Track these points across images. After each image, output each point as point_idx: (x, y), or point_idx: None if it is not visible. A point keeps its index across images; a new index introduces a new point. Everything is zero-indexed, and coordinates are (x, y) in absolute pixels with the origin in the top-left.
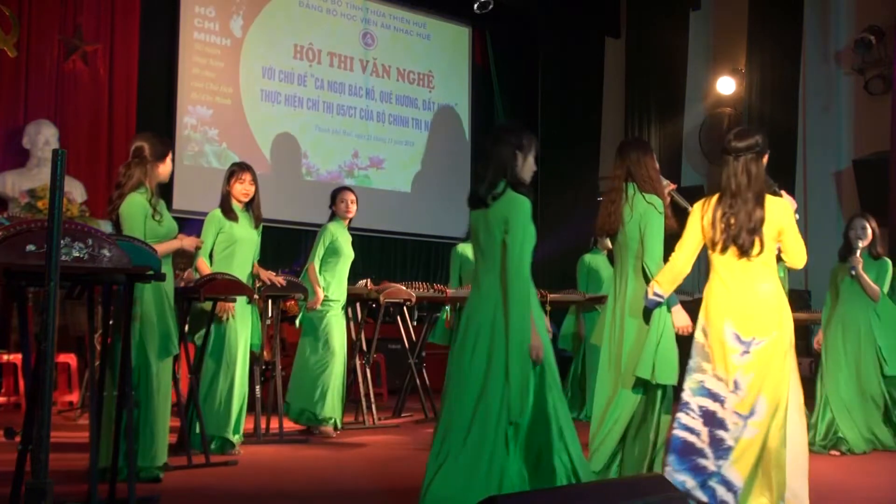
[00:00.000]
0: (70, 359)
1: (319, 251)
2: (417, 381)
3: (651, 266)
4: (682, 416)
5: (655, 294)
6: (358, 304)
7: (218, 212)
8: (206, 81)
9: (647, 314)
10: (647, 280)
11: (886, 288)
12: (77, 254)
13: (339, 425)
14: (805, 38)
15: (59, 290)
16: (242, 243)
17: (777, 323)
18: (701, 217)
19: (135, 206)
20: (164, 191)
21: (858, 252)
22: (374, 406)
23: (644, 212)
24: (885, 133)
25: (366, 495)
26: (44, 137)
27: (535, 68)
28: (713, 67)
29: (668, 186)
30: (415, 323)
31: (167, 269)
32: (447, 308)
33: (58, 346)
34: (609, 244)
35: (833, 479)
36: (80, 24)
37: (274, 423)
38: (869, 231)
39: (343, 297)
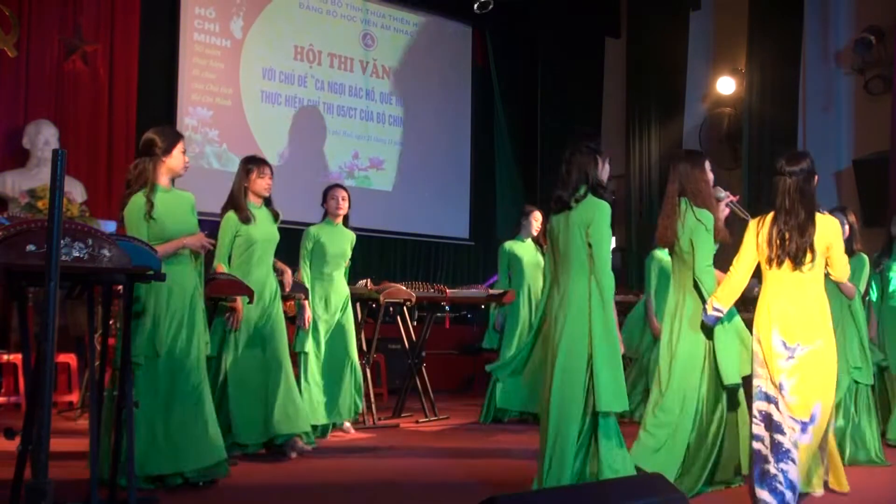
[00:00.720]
0: (70, 359)
1: (304, 256)
2: (417, 381)
3: (704, 280)
4: (752, 427)
5: (715, 309)
6: (358, 304)
7: (233, 215)
8: (207, 82)
9: (706, 329)
10: (700, 293)
11: (863, 285)
12: (77, 254)
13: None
14: (805, 38)
15: (59, 290)
16: (262, 243)
17: (821, 331)
18: (756, 234)
19: (133, 208)
20: None
21: None
22: (374, 406)
23: (693, 227)
24: (885, 133)
25: (366, 494)
26: (44, 137)
27: (535, 68)
28: (713, 67)
29: (728, 198)
30: (415, 323)
31: (183, 268)
32: (494, 311)
33: (58, 346)
34: None
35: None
36: (80, 24)
37: None
38: (846, 226)
39: (335, 298)
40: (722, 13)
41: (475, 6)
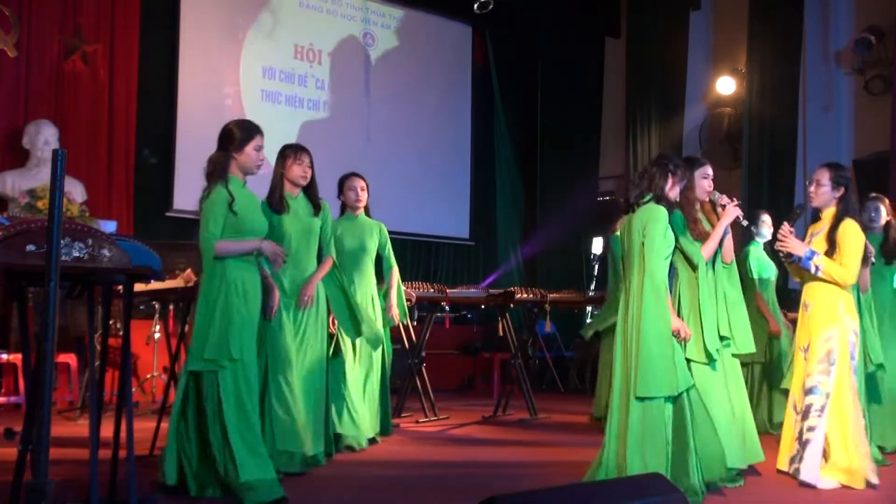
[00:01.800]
0: (70, 359)
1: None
2: (417, 381)
3: (688, 251)
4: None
5: (815, 264)
6: None
7: (263, 204)
8: (207, 82)
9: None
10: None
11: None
12: (77, 254)
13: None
14: (805, 38)
15: (59, 290)
16: (295, 236)
17: None
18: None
19: (217, 197)
20: (165, 192)
21: None
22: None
23: (675, 232)
24: (885, 133)
25: (366, 494)
26: (44, 137)
27: (535, 68)
28: (713, 67)
29: (721, 200)
30: (415, 323)
31: (254, 271)
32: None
33: (58, 346)
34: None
35: None
36: (80, 24)
37: None
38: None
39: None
40: (722, 13)
41: (475, 6)
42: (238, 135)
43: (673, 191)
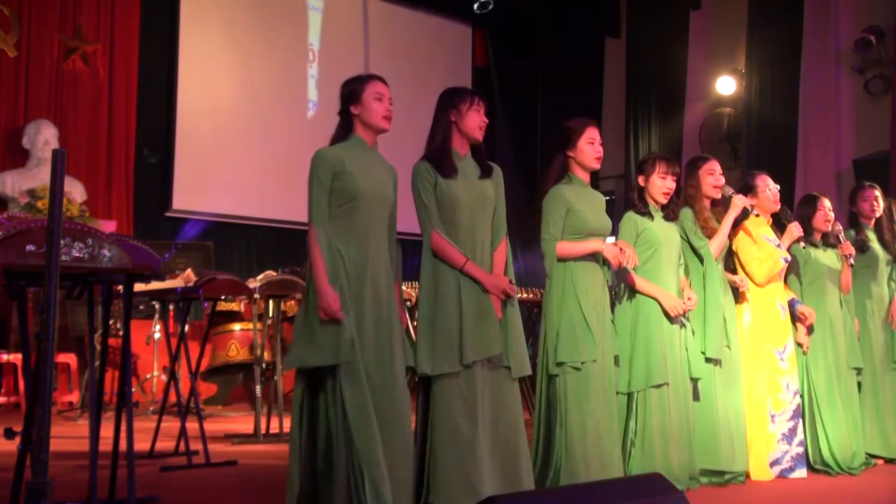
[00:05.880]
0: (70, 359)
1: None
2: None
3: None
4: None
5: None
6: None
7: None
8: (207, 82)
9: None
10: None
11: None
12: (77, 254)
13: None
14: (805, 38)
15: (59, 290)
16: (469, 205)
17: None
18: None
19: (553, 197)
20: (164, 191)
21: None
22: None
23: (681, 229)
24: (885, 133)
25: None
26: (44, 137)
27: (535, 68)
28: (713, 67)
29: (732, 193)
30: (414, 323)
31: (597, 274)
32: None
33: (58, 346)
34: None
35: (830, 477)
36: (80, 24)
37: (274, 424)
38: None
39: None
40: (722, 12)
41: (475, 6)
42: (576, 129)
43: (652, 185)
